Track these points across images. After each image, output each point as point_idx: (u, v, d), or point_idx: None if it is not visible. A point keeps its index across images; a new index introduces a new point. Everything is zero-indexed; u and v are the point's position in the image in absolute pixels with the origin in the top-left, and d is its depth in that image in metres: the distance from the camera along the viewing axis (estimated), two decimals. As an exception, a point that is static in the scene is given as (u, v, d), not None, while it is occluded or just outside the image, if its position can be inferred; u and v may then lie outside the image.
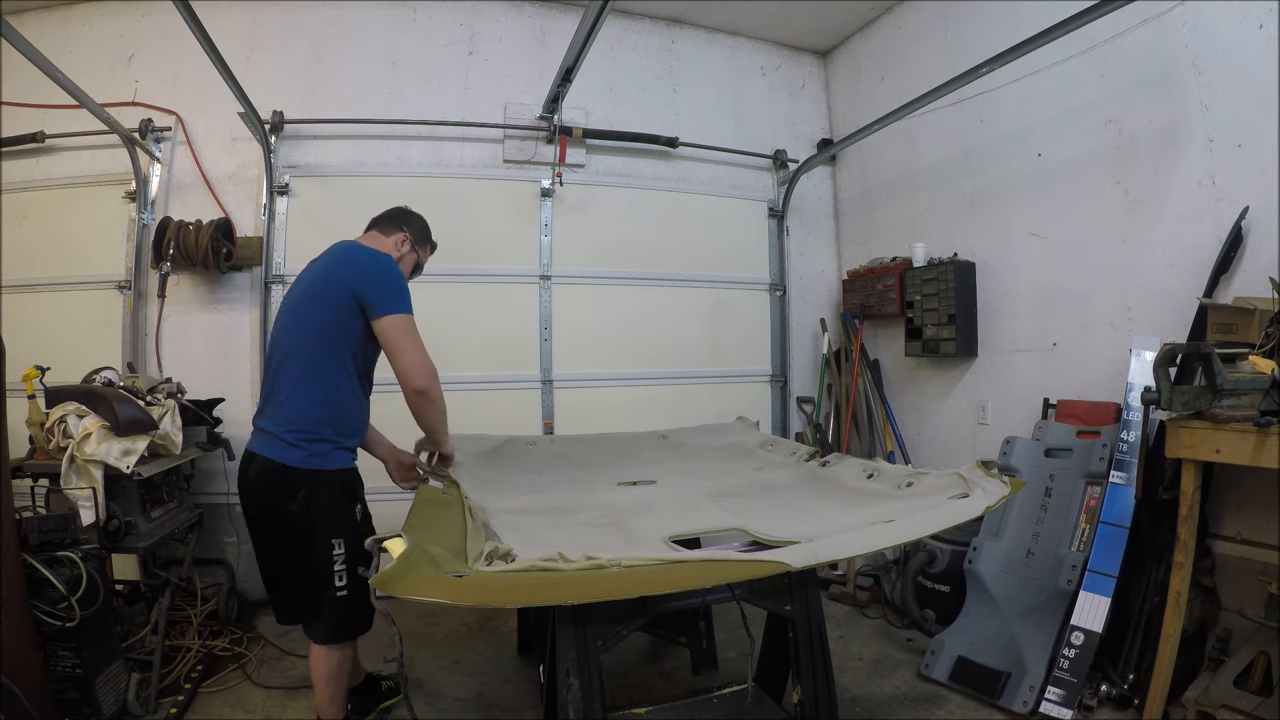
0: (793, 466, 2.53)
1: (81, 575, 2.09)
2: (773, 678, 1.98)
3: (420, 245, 2.28)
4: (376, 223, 2.26)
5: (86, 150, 3.47)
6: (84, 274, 3.44)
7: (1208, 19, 2.44)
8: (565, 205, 3.95)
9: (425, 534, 1.49)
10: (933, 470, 2.02)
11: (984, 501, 1.67)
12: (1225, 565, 2.36)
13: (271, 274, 3.54)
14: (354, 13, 3.73)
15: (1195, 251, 2.49)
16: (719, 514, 1.89)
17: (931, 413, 3.78)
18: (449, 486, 2.04)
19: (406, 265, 2.22)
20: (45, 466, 2.39)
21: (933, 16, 3.71)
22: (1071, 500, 2.64)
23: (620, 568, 1.36)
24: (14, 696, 1.85)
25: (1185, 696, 2.03)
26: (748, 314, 4.29)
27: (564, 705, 1.49)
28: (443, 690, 2.60)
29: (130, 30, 3.54)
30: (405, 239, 2.22)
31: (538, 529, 1.83)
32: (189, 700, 2.43)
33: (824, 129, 4.61)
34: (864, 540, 1.58)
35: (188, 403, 2.95)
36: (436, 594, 1.19)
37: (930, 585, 2.99)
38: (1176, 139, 2.57)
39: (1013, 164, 3.28)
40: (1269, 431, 1.79)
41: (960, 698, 2.46)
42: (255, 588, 3.46)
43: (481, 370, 3.79)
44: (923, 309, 3.54)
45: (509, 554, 1.47)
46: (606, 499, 2.21)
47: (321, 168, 3.68)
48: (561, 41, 3.33)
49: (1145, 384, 2.38)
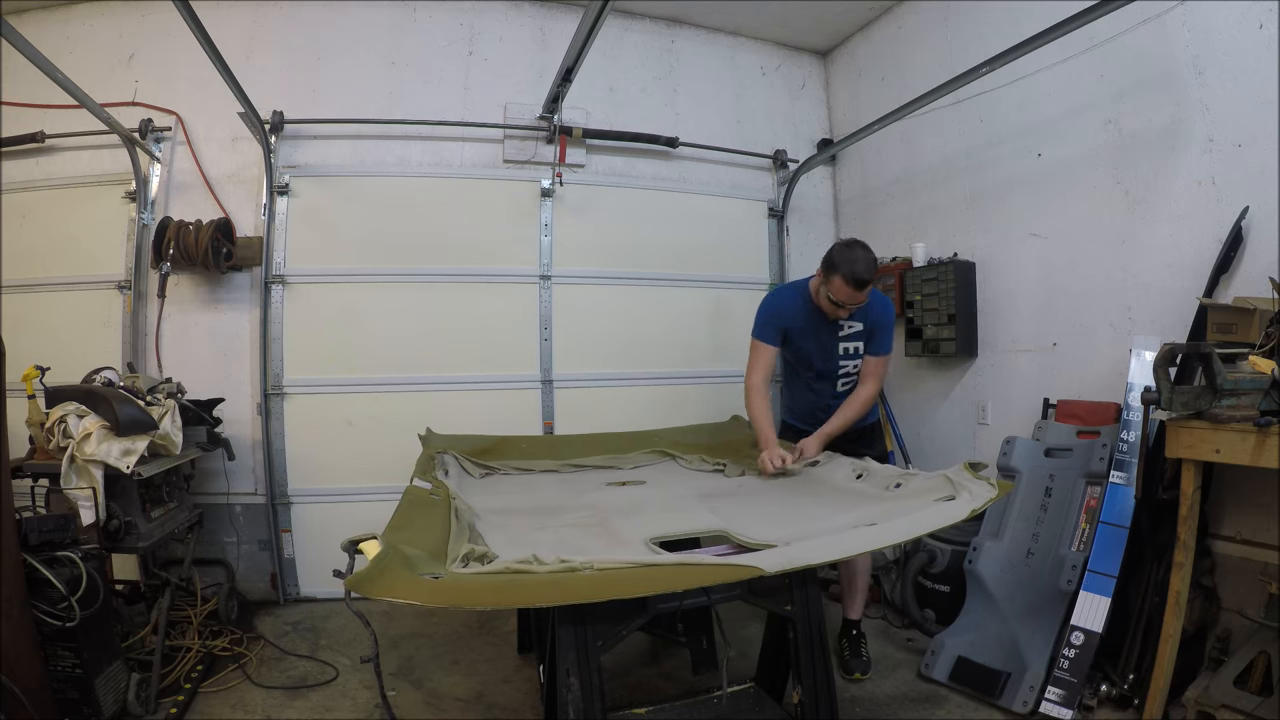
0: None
1: (81, 575, 2.08)
2: (773, 678, 1.98)
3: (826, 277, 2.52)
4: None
5: (86, 150, 3.47)
6: (84, 274, 3.44)
7: (1208, 19, 2.44)
8: (565, 205, 3.95)
9: (407, 535, 1.50)
10: (921, 472, 2.02)
11: (970, 504, 1.66)
12: (1225, 565, 2.35)
13: (271, 274, 3.54)
14: (354, 13, 3.73)
15: (1195, 251, 2.49)
16: (704, 516, 1.89)
17: (931, 413, 3.78)
18: (437, 487, 2.04)
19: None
20: (45, 466, 2.39)
21: (933, 16, 3.71)
22: (1071, 500, 2.64)
23: (593, 570, 1.37)
24: (14, 696, 1.85)
25: (1185, 696, 2.02)
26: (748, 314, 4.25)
27: (564, 705, 1.49)
28: (443, 690, 2.60)
29: (130, 30, 3.54)
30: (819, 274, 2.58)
31: (523, 529, 1.83)
32: (189, 700, 2.43)
33: (824, 129, 4.61)
34: (843, 544, 1.59)
35: (188, 403, 2.94)
36: (408, 595, 1.19)
37: (930, 585, 2.99)
38: (1176, 139, 2.56)
39: (1013, 164, 3.28)
40: (1269, 431, 1.78)
41: (960, 698, 2.46)
42: (255, 588, 3.49)
43: (481, 370, 3.79)
44: (923, 309, 3.54)
45: (486, 555, 1.47)
46: (594, 499, 2.21)
47: (321, 168, 3.68)
48: (561, 42, 3.33)
49: (1145, 384, 2.38)
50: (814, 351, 2.69)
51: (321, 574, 3.48)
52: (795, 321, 2.69)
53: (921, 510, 1.70)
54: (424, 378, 3.70)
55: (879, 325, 2.65)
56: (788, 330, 2.71)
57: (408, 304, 3.72)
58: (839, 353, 2.67)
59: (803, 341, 2.70)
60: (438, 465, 2.48)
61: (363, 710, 2.44)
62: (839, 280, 2.44)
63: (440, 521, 1.71)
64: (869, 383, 2.67)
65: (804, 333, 2.69)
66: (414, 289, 3.74)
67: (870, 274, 2.43)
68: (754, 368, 2.72)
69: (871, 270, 2.44)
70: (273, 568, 3.51)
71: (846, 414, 2.61)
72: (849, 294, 2.45)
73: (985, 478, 1.79)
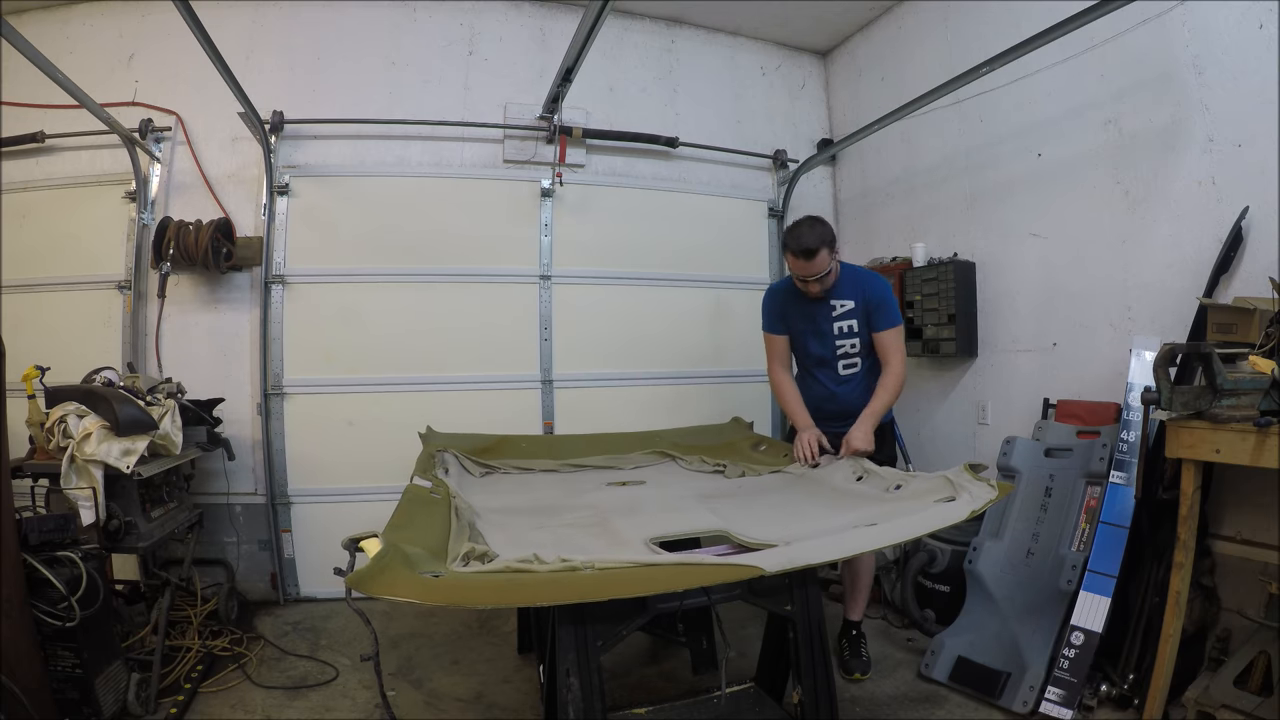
0: (784, 467, 2.53)
1: (81, 575, 2.08)
2: (773, 678, 1.98)
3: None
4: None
5: (86, 150, 3.47)
6: (84, 274, 3.44)
7: (1208, 19, 2.44)
8: (565, 205, 3.95)
9: (407, 534, 1.50)
10: (921, 473, 2.02)
11: (969, 505, 1.66)
12: (1225, 565, 2.35)
13: (271, 274, 3.54)
14: (354, 13, 3.73)
15: (1195, 251, 2.49)
16: (704, 516, 1.89)
17: (931, 413, 3.78)
18: (437, 485, 2.04)
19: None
20: (45, 466, 2.39)
21: (933, 16, 3.71)
22: (1071, 500, 2.64)
23: (593, 570, 1.37)
24: (14, 696, 1.85)
25: (1185, 696, 2.02)
26: (748, 314, 4.25)
27: (564, 705, 1.49)
28: (443, 690, 2.60)
29: (130, 30, 3.54)
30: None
31: (523, 529, 1.83)
32: (189, 700, 2.43)
33: (824, 129, 4.61)
34: (843, 544, 1.59)
35: (188, 403, 2.95)
36: (408, 594, 1.19)
37: (930, 585, 2.99)
38: (1176, 139, 2.56)
39: (1013, 164, 3.28)
40: (1269, 431, 1.78)
41: (960, 698, 2.45)
42: (255, 588, 3.49)
43: (482, 370, 3.79)
44: (923, 309, 3.54)
45: (486, 554, 1.47)
46: (594, 499, 2.21)
47: (321, 168, 3.68)
48: (561, 42, 3.33)
49: (1145, 384, 2.37)
50: (809, 334, 2.72)
51: (321, 574, 3.48)
52: (788, 307, 2.75)
53: (921, 511, 1.70)
54: (424, 377, 3.70)
55: (875, 299, 2.62)
56: (785, 318, 2.77)
57: (408, 304, 3.72)
58: (834, 332, 2.67)
59: (798, 326, 2.75)
60: (438, 464, 2.48)
61: (363, 710, 2.44)
62: (790, 255, 2.54)
63: (440, 520, 1.71)
64: (891, 359, 2.61)
65: (797, 317, 2.73)
66: (414, 289, 3.74)
67: (815, 243, 2.45)
68: (770, 359, 2.83)
69: (818, 240, 2.46)
70: (273, 568, 3.51)
71: (883, 396, 2.54)
72: (800, 266, 2.51)
73: (985, 479, 1.79)
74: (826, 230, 2.52)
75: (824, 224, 2.53)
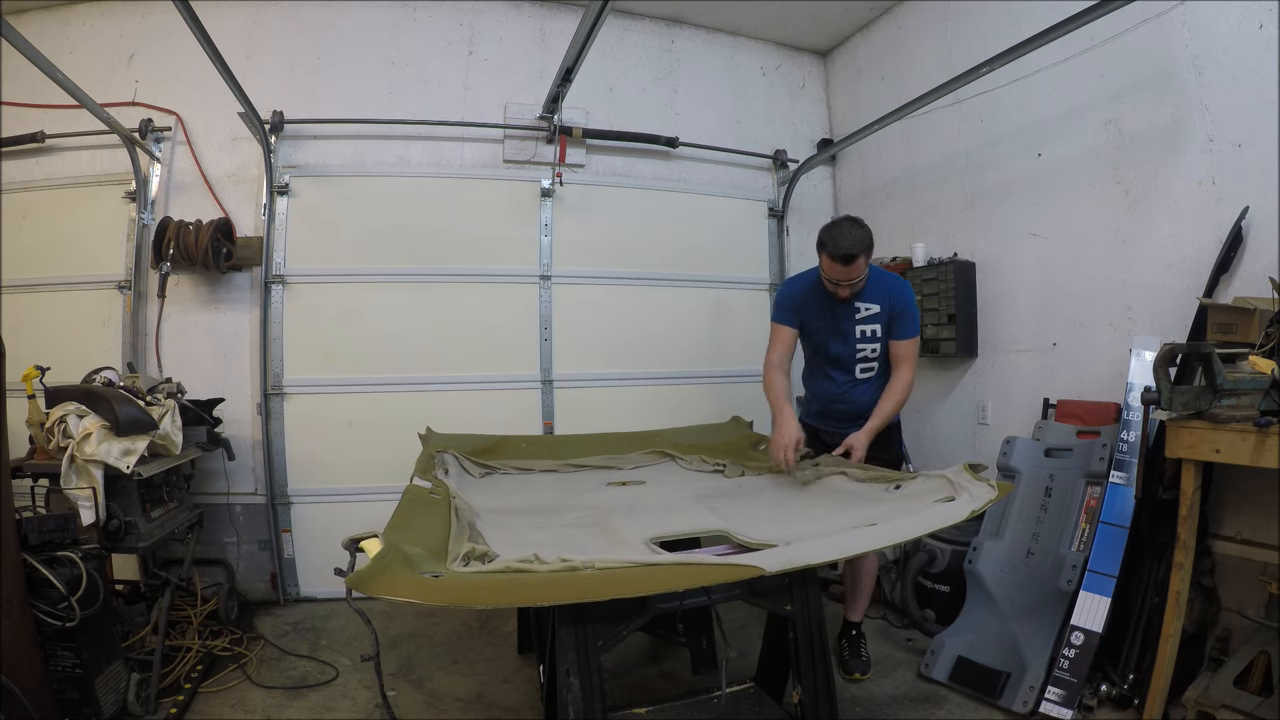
0: (763, 471, 2.53)
1: (81, 575, 2.08)
2: (773, 678, 1.98)
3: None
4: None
5: (86, 150, 3.47)
6: (84, 274, 3.44)
7: (1208, 19, 2.44)
8: (565, 205, 3.95)
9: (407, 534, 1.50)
10: (921, 473, 2.02)
11: (969, 505, 1.66)
12: (1225, 565, 2.35)
13: (271, 274, 3.54)
14: (354, 13, 3.73)
15: (1195, 251, 2.49)
16: (704, 516, 1.89)
17: (931, 413, 3.78)
18: (437, 486, 2.04)
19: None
20: (45, 466, 2.39)
21: (933, 16, 3.71)
22: (1071, 500, 2.64)
23: (593, 570, 1.37)
24: (14, 696, 1.85)
25: (1185, 696, 2.02)
26: (748, 314, 4.28)
27: (564, 705, 1.49)
28: (443, 690, 2.60)
29: (130, 30, 3.54)
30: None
31: (523, 529, 1.83)
32: (189, 700, 2.43)
33: (824, 129, 4.61)
34: (843, 544, 1.59)
35: (188, 403, 2.94)
36: (409, 594, 1.20)
37: (930, 585, 2.99)
38: (1176, 139, 2.56)
39: (1012, 164, 3.28)
40: (1269, 431, 1.78)
41: (960, 698, 2.45)
42: (255, 588, 3.49)
43: (482, 370, 3.79)
44: (923, 309, 3.51)
45: (486, 555, 1.47)
46: (594, 499, 2.21)
47: (321, 168, 3.68)
48: (561, 42, 3.33)
49: (1145, 384, 2.37)
50: (830, 334, 2.63)
51: (321, 574, 3.48)
52: (808, 304, 2.64)
53: (921, 511, 1.70)
54: (424, 377, 3.70)
55: (900, 308, 2.56)
56: (802, 314, 2.67)
57: (408, 304, 3.72)
58: (856, 335, 2.59)
59: (818, 324, 2.64)
60: (438, 464, 2.48)
61: (363, 710, 2.44)
62: (826, 257, 2.43)
63: (440, 520, 1.71)
64: (903, 368, 2.56)
65: (818, 315, 2.63)
66: (414, 289, 3.74)
67: (856, 249, 2.36)
68: (771, 348, 2.71)
69: (858, 245, 2.37)
70: (273, 568, 3.51)
71: (890, 402, 2.51)
72: (837, 270, 2.41)
73: (985, 479, 1.79)
74: (867, 234, 2.42)
75: (864, 227, 2.43)
